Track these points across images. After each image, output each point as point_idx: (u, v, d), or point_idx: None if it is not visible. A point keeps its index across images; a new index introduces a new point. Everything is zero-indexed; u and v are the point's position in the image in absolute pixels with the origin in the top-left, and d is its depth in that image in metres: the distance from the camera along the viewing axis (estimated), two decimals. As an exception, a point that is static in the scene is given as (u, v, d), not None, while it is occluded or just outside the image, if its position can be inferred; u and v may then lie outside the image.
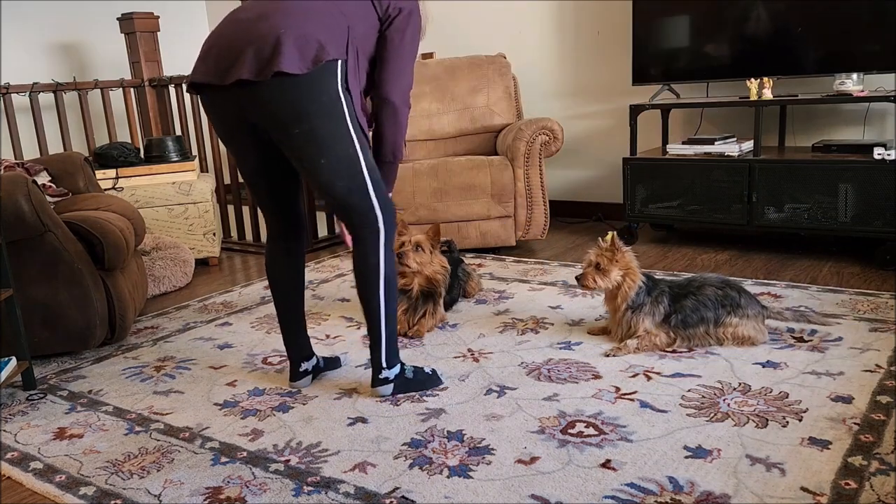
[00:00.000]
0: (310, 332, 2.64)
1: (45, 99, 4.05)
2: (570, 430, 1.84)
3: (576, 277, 2.39)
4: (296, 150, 1.90)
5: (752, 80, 3.34)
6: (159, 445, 1.90)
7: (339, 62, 1.84)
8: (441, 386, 2.14)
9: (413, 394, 2.10)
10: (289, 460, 1.78)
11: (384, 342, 2.03)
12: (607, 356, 2.28)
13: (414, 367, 2.14)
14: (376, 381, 2.07)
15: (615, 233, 2.37)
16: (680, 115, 3.96)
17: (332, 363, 2.33)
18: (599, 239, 2.38)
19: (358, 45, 1.90)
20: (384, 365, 2.06)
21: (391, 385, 2.07)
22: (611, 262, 2.32)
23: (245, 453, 1.83)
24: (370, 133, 2.04)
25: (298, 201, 2.14)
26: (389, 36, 1.95)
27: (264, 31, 1.80)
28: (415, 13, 1.98)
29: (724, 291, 2.30)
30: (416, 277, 2.57)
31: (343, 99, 1.86)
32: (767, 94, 3.31)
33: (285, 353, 2.47)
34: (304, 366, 2.22)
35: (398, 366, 2.09)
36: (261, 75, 1.76)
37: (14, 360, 2.24)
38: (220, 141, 4.18)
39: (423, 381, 2.12)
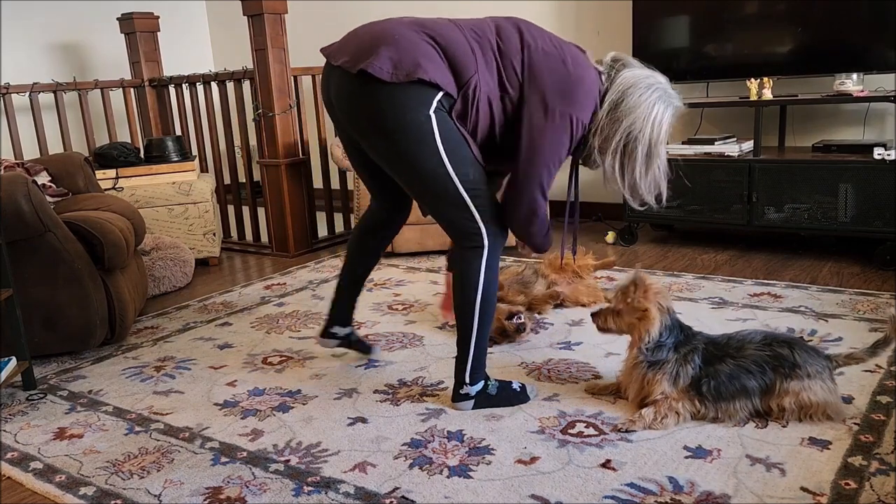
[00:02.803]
0: (310, 331, 2.65)
1: (45, 99, 4.05)
2: (570, 430, 1.84)
3: (591, 313, 2.03)
4: (376, 156, 1.89)
5: (752, 80, 3.34)
6: (159, 445, 1.90)
7: (440, 94, 1.75)
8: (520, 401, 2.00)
9: (413, 394, 2.10)
10: (289, 460, 1.78)
11: (471, 359, 1.94)
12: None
13: (499, 381, 2.01)
14: (457, 396, 1.98)
15: (638, 270, 1.97)
16: (680, 115, 3.96)
17: (365, 348, 2.34)
18: (633, 273, 1.94)
19: (481, 95, 1.78)
20: (467, 381, 1.96)
21: (472, 401, 1.97)
22: (624, 301, 1.89)
23: (245, 453, 1.83)
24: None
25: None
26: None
27: (382, 32, 1.78)
28: (580, 81, 1.79)
29: (772, 350, 1.81)
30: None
31: (434, 119, 1.74)
32: (767, 94, 3.31)
33: (287, 351, 2.48)
34: (336, 329, 2.22)
35: (481, 382, 1.98)
36: (352, 67, 1.76)
37: (14, 360, 2.24)
38: (222, 140, 4.22)
39: (508, 398, 1.99)
